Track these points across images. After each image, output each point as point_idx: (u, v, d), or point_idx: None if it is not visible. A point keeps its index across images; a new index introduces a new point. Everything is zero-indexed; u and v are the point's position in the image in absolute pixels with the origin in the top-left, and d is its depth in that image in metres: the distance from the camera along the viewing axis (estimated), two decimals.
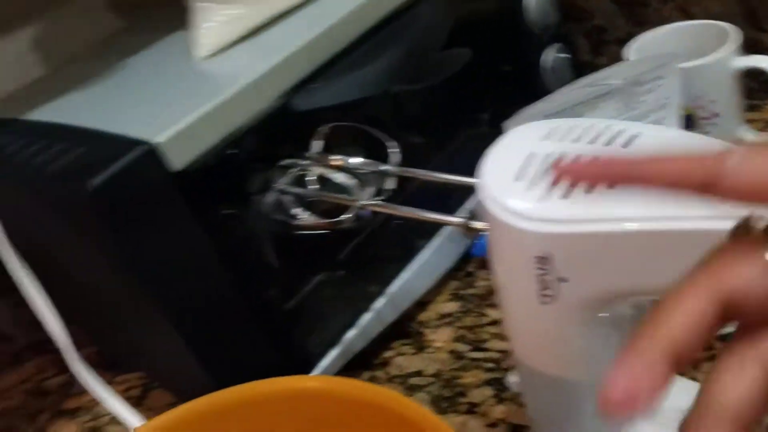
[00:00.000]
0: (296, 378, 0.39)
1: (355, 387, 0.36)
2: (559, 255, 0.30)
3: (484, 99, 0.62)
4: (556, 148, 0.31)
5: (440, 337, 0.52)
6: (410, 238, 0.55)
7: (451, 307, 0.54)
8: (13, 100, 0.54)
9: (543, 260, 0.31)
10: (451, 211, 0.55)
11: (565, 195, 0.30)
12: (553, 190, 0.30)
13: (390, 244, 0.55)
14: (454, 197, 0.53)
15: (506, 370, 0.48)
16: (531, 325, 0.34)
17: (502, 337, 0.50)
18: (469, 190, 0.56)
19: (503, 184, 0.31)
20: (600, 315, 0.33)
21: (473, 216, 0.35)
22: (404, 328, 0.54)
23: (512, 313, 0.35)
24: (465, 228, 0.35)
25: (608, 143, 0.31)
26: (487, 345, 0.50)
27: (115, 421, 0.56)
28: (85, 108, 0.45)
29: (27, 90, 0.55)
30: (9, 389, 0.64)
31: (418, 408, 0.34)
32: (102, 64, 0.50)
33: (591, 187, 0.29)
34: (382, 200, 0.40)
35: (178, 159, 0.40)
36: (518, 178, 0.31)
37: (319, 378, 0.38)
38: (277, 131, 0.44)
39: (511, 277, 0.33)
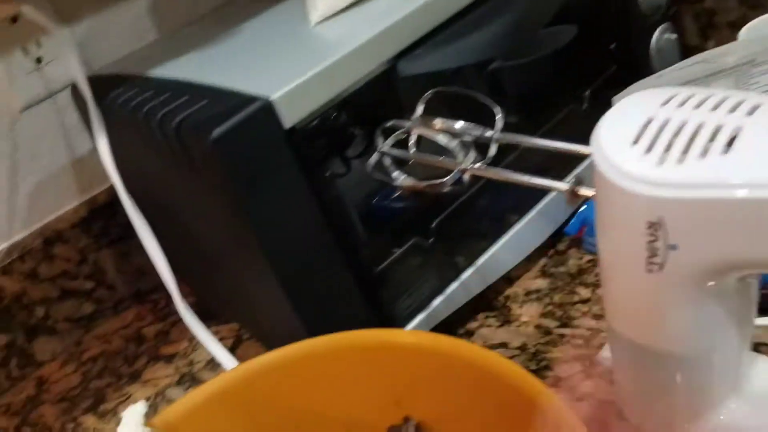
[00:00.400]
0: (392, 331, 0.40)
1: (453, 344, 0.37)
2: (671, 221, 0.30)
3: (587, 76, 0.61)
4: (677, 113, 0.31)
5: (527, 312, 0.52)
6: (502, 213, 0.55)
7: (540, 283, 0.54)
8: (134, 58, 0.57)
9: (654, 226, 0.31)
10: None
11: (681, 160, 0.30)
12: (670, 154, 0.30)
13: (482, 218, 0.55)
14: (552, 171, 0.53)
15: (597, 347, 0.47)
16: (633, 294, 0.34)
17: (593, 315, 0.50)
18: (570, 163, 0.56)
19: (620, 147, 0.31)
20: (705, 286, 0.32)
21: (579, 182, 0.35)
22: (490, 301, 0.54)
23: (615, 281, 0.35)
24: (571, 194, 0.35)
25: (731, 111, 0.30)
26: (577, 322, 0.50)
27: (208, 367, 0.59)
28: (205, 66, 0.48)
29: (147, 50, 0.58)
30: (109, 334, 0.68)
31: (514, 366, 0.34)
32: (219, 27, 0.53)
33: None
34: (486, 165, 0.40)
35: (289, 117, 0.41)
36: (635, 142, 0.31)
37: (415, 333, 0.39)
38: (382, 94, 0.46)
39: (618, 243, 0.33)
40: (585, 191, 0.35)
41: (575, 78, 0.62)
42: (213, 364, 0.59)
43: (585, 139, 0.40)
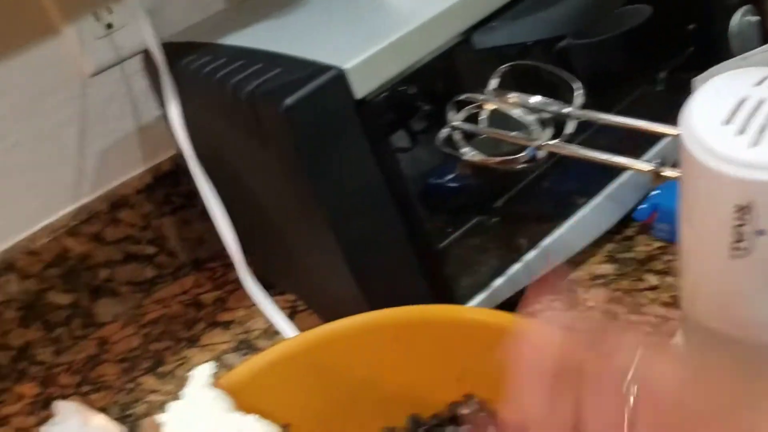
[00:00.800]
0: (458, 307, 0.39)
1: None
2: (761, 205, 0.29)
3: (662, 58, 0.59)
4: None
5: (593, 297, 0.51)
6: (569, 195, 0.54)
7: (606, 269, 0.53)
8: (204, 26, 0.58)
9: (743, 210, 0.29)
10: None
11: None
12: (764, 135, 0.29)
13: (548, 199, 0.54)
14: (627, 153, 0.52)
15: (665, 335, 0.46)
16: (714, 280, 0.33)
17: (661, 303, 0.48)
18: (640, 147, 0.54)
19: (710, 127, 0.30)
20: None
21: (663, 163, 0.34)
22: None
23: (695, 266, 0.34)
24: (654, 175, 0.34)
25: None
26: (645, 310, 0.49)
27: (264, 336, 0.60)
28: (277, 35, 0.48)
29: (217, 18, 0.59)
30: (169, 299, 0.69)
31: None
32: None
33: None
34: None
35: (361, 88, 0.41)
36: (727, 122, 0.29)
37: (482, 310, 0.38)
38: (456, 67, 0.45)
39: (702, 226, 0.32)
40: (669, 172, 0.34)
41: (649, 59, 0.60)
42: (269, 333, 0.60)
43: (659, 122, 0.38)
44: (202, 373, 0.37)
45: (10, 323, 0.63)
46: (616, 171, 0.55)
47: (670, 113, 0.40)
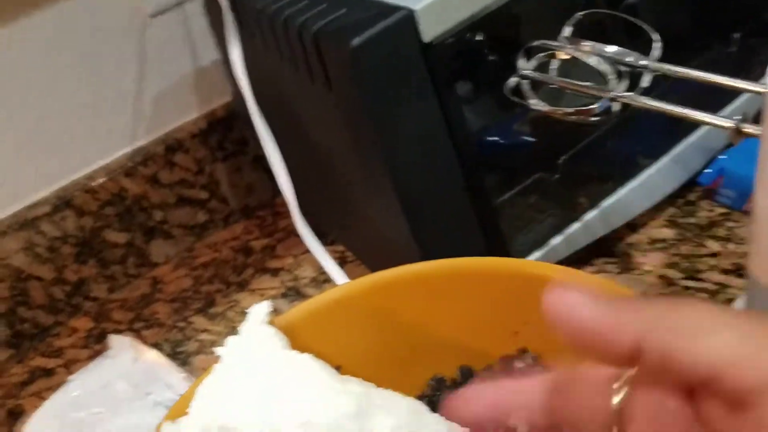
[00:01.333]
0: (519, 261, 0.39)
1: (587, 280, 0.35)
2: None
3: (737, 18, 0.56)
4: None
5: (650, 262, 0.50)
6: (634, 156, 0.52)
7: (666, 233, 0.51)
8: None
9: None
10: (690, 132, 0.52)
11: None
12: None
13: (611, 159, 0.53)
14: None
15: (723, 302, 0.45)
16: None
17: (721, 270, 0.47)
18: (719, 105, 0.52)
19: None
20: None
21: (745, 119, 0.33)
22: (610, 247, 0.52)
23: None
24: (735, 131, 0.32)
25: None
26: (704, 276, 0.47)
27: (312, 283, 0.60)
28: None
29: None
30: (219, 243, 0.70)
31: None
32: None
33: None
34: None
35: (429, 31, 0.40)
36: None
37: (545, 265, 0.38)
38: (526, 14, 0.43)
39: None
40: (751, 128, 0.32)
41: (723, 20, 0.57)
42: (317, 281, 0.61)
43: None
44: (259, 311, 0.38)
45: (67, 259, 0.65)
46: (682, 133, 0.53)
47: (740, 76, 0.38)
